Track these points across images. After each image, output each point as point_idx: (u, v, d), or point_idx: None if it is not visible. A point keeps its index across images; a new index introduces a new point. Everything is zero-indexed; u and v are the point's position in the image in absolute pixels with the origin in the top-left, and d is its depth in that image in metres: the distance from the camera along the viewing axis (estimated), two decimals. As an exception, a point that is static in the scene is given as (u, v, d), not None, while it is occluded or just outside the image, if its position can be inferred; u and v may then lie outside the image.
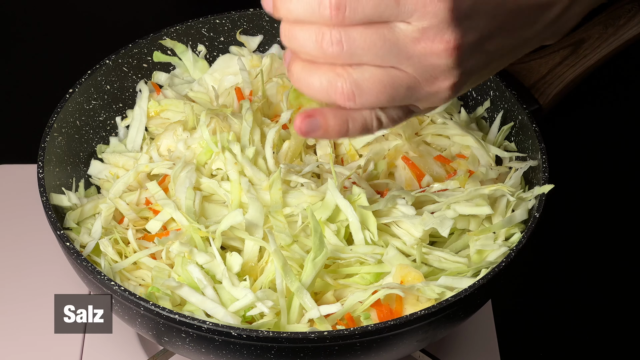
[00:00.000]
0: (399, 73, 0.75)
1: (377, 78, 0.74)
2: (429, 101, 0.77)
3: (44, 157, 1.06)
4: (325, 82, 0.75)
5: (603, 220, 1.34)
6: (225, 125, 1.11)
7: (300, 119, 0.77)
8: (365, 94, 0.75)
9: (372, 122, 0.78)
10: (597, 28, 1.19)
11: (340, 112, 0.77)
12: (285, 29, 0.75)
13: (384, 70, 0.74)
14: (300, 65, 0.76)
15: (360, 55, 0.73)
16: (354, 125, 0.77)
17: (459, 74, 0.75)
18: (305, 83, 0.76)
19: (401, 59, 0.74)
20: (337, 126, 0.77)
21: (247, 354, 0.91)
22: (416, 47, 0.73)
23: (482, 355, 1.14)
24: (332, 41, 0.73)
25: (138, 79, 1.21)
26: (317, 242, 0.96)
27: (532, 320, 1.21)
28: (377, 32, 0.73)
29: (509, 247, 1.01)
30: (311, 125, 0.77)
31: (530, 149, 1.09)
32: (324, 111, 0.77)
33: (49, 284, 1.20)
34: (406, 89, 0.75)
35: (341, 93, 0.75)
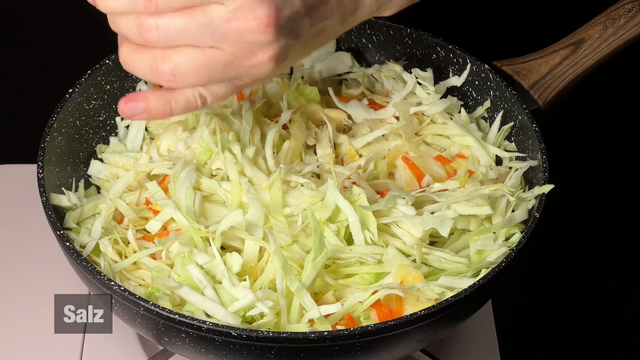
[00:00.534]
0: (216, 52, 0.80)
1: (194, 58, 0.80)
2: (251, 75, 0.82)
3: (44, 157, 1.06)
4: (148, 65, 0.81)
5: (603, 220, 1.34)
6: (225, 126, 1.11)
7: (123, 103, 0.83)
8: (183, 74, 0.80)
9: (195, 100, 0.84)
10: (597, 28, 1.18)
11: (162, 93, 0.83)
12: (110, 16, 0.81)
13: (201, 51, 0.80)
14: (127, 48, 0.82)
15: (176, 39, 0.79)
16: (176, 105, 0.83)
17: (277, 47, 0.80)
18: (131, 65, 0.82)
19: (217, 39, 0.79)
20: (161, 107, 0.83)
21: (247, 354, 0.91)
22: (230, 26, 0.78)
23: (482, 355, 1.14)
24: (149, 28, 0.79)
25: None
26: (318, 242, 0.96)
27: (532, 320, 1.22)
28: (191, 16, 0.78)
29: (509, 247, 1.01)
30: (134, 108, 0.83)
31: (530, 149, 1.09)
32: (146, 94, 0.84)
33: (49, 284, 1.20)
34: (224, 66, 0.80)
35: (161, 74, 0.80)
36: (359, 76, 1.23)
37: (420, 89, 1.19)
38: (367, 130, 1.15)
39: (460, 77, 1.20)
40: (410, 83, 1.18)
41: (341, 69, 1.25)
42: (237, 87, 0.84)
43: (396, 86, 1.19)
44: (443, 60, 1.21)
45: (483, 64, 1.18)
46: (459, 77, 1.21)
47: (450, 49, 1.20)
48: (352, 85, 1.23)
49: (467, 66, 1.19)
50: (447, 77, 1.22)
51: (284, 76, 1.22)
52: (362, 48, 1.27)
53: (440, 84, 1.22)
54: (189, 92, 0.83)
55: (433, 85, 1.19)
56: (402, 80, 1.20)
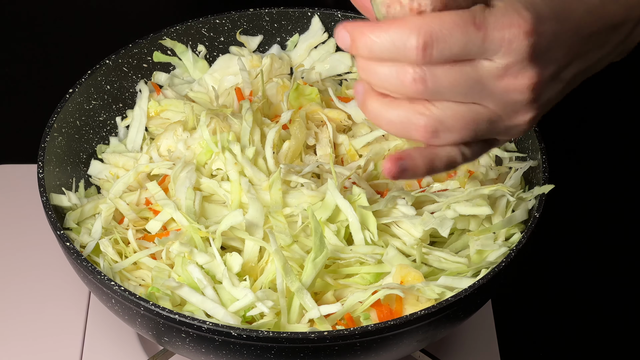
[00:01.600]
0: (480, 109, 0.74)
1: (460, 114, 0.74)
2: (509, 134, 0.77)
3: (44, 157, 1.06)
4: (406, 119, 0.73)
5: (603, 220, 1.34)
6: (225, 126, 1.11)
7: (390, 163, 0.75)
8: (448, 130, 0.74)
9: (457, 157, 0.76)
10: (597, 28, 1.18)
11: (426, 151, 0.75)
12: (364, 62, 0.74)
13: (465, 107, 0.74)
14: (377, 100, 0.74)
15: (443, 92, 0.72)
16: (440, 162, 0.76)
17: (538, 107, 0.76)
18: (384, 119, 0.74)
19: (483, 96, 0.73)
20: (424, 165, 0.75)
21: (247, 354, 0.91)
22: (499, 84, 0.73)
23: (482, 355, 1.14)
24: (415, 79, 0.72)
25: (138, 79, 1.21)
26: (318, 243, 0.96)
27: (532, 320, 1.21)
28: (461, 70, 0.72)
29: (508, 247, 1.01)
30: (401, 166, 0.75)
31: (530, 149, 1.09)
32: (410, 152, 0.75)
33: (49, 284, 1.20)
34: (488, 123, 0.75)
35: (424, 130, 0.73)
36: (358, 76, 1.23)
37: (420, 89, 1.18)
38: (367, 130, 1.15)
39: (460, 77, 1.20)
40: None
41: (341, 69, 1.25)
42: (490, 146, 0.79)
43: (396, 86, 1.19)
44: (443, 60, 1.21)
45: (483, 64, 1.17)
46: (459, 77, 1.20)
47: (450, 49, 1.20)
48: (352, 86, 1.23)
49: (467, 66, 1.19)
50: (447, 77, 1.22)
51: (284, 76, 1.22)
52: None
53: (440, 84, 1.21)
54: (450, 149, 0.76)
55: (433, 85, 1.19)
56: (402, 80, 1.20)
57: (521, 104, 0.75)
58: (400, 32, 0.70)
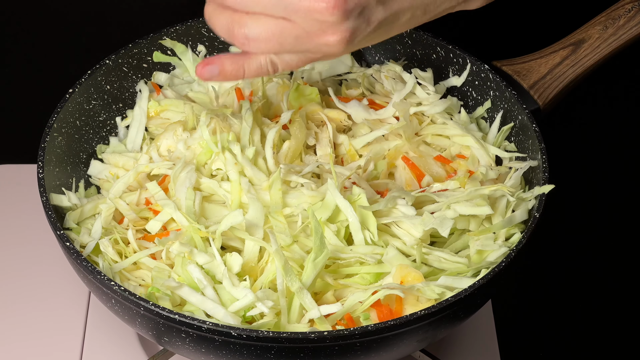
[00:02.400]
0: (287, 24, 0.83)
1: (267, 27, 0.84)
2: (322, 51, 0.86)
3: (44, 157, 1.06)
4: (226, 25, 0.86)
5: (603, 220, 1.34)
6: (225, 126, 1.11)
7: (201, 66, 0.89)
8: (256, 40, 0.85)
9: (266, 66, 0.88)
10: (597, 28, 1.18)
11: (236, 58, 0.88)
12: None
13: (274, 20, 0.84)
14: (212, 6, 0.87)
15: (251, 6, 0.83)
16: (249, 69, 0.88)
17: (346, 30, 0.83)
18: (212, 23, 0.87)
19: (289, 12, 0.82)
20: (234, 70, 0.88)
21: (247, 354, 0.91)
22: (301, 3, 0.82)
23: (482, 355, 1.14)
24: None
25: (138, 79, 1.21)
26: (318, 243, 0.96)
27: (532, 320, 1.21)
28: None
29: (509, 248, 1.01)
30: (210, 71, 0.88)
31: (530, 149, 1.09)
32: (221, 58, 0.88)
33: (49, 284, 1.20)
34: (294, 38, 0.84)
35: (236, 37, 0.85)
36: (358, 76, 1.23)
37: (420, 89, 1.19)
38: (367, 131, 1.15)
39: (460, 77, 1.20)
40: (410, 83, 1.18)
41: (341, 69, 1.25)
42: (308, 60, 0.88)
43: (396, 86, 1.19)
44: (443, 60, 1.21)
45: (483, 64, 1.18)
46: (458, 77, 1.21)
47: (450, 49, 1.20)
48: (352, 86, 1.23)
49: (467, 66, 1.19)
50: (447, 77, 1.22)
51: (284, 76, 1.22)
52: (362, 48, 1.27)
53: (440, 84, 1.22)
54: (261, 57, 0.87)
55: (433, 86, 1.19)
56: (401, 81, 1.20)
57: (326, 24, 0.83)
58: None
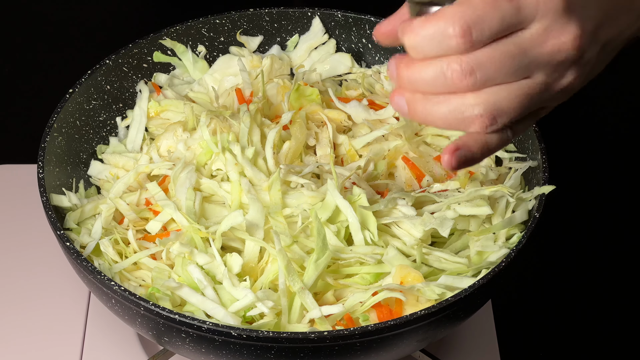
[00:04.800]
0: (531, 82, 0.73)
1: (513, 94, 0.72)
2: (557, 100, 0.77)
3: (44, 157, 1.06)
4: (459, 114, 0.72)
5: (603, 220, 1.34)
6: (226, 126, 1.11)
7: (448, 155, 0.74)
8: (505, 114, 0.73)
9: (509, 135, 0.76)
10: (597, 28, 1.18)
11: (479, 136, 0.75)
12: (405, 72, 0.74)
13: (517, 85, 0.73)
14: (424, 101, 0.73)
15: (494, 78, 0.71)
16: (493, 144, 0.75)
17: (582, 65, 0.75)
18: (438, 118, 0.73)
19: (532, 67, 0.73)
20: (480, 150, 0.75)
21: (247, 354, 0.91)
22: (545, 48, 0.72)
23: (482, 355, 1.14)
24: (463, 74, 0.71)
25: (138, 79, 1.21)
26: (320, 244, 0.96)
27: (532, 320, 1.21)
28: (504, 48, 0.71)
29: (509, 248, 1.01)
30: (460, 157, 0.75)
31: (530, 149, 1.09)
32: (465, 141, 0.75)
33: (49, 284, 1.20)
34: (539, 94, 0.74)
35: (481, 120, 0.72)
36: (358, 77, 1.23)
37: (420, 89, 1.18)
38: (367, 131, 1.15)
39: (460, 77, 1.20)
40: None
41: (341, 69, 1.25)
42: (539, 117, 0.79)
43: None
44: (443, 61, 1.21)
45: (483, 64, 1.17)
46: (459, 77, 1.20)
47: (450, 49, 1.20)
48: (352, 86, 1.23)
49: (467, 66, 1.19)
50: (447, 77, 1.22)
51: (284, 77, 1.22)
52: (362, 49, 1.27)
53: (440, 84, 1.21)
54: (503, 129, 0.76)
55: (433, 86, 1.19)
56: (402, 81, 1.20)
57: (567, 63, 0.74)
58: (436, 24, 0.71)
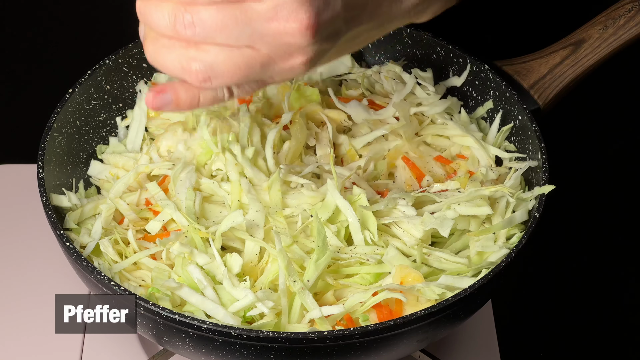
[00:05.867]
0: (253, 53, 0.75)
1: (231, 60, 0.75)
2: (283, 75, 0.79)
3: (44, 157, 1.06)
4: (179, 64, 0.75)
5: (603, 220, 1.34)
6: (226, 126, 1.11)
7: (152, 94, 0.78)
8: (219, 77, 0.76)
9: (223, 95, 0.79)
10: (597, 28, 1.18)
11: (190, 86, 0.78)
12: (141, 5, 0.76)
13: (238, 51, 0.75)
14: (155, 42, 0.76)
15: (213, 36, 0.74)
16: (204, 98, 0.79)
17: (313, 51, 0.76)
18: (160, 62, 0.76)
19: (255, 39, 0.74)
20: (189, 99, 0.79)
21: (247, 354, 0.91)
22: (270, 27, 0.74)
23: (482, 355, 1.14)
24: (184, 23, 0.74)
25: (138, 79, 1.21)
26: (321, 244, 0.96)
27: (532, 320, 1.22)
28: (229, 12, 0.73)
29: (509, 249, 1.01)
30: (163, 100, 0.79)
31: (530, 149, 1.09)
32: (175, 86, 0.78)
33: (49, 284, 1.20)
34: (260, 66, 0.76)
35: (195, 76, 0.75)
36: (358, 77, 1.23)
37: (420, 90, 1.19)
38: (367, 131, 1.15)
39: (460, 77, 1.20)
40: (410, 83, 1.18)
41: (341, 69, 1.25)
42: (264, 85, 0.81)
43: (396, 87, 1.19)
44: (443, 60, 1.21)
45: (483, 64, 1.18)
46: (459, 77, 1.21)
47: (450, 49, 1.20)
48: (352, 86, 1.23)
49: (467, 66, 1.19)
50: (447, 77, 1.22)
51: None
52: (361, 49, 1.27)
53: (440, 84, 1.22)
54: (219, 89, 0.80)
55: (433, 86, 1.19)
56: (401, 81, 1.20)
57: (294, 47, 0.75)
58: None
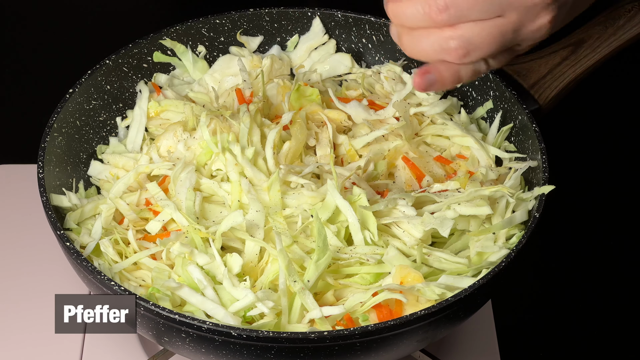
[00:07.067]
0: (504, 21, 0.80)
1: (486, 31, 0.80)
2: (531, 39, 0.83)
3: (44, 157, 1.06)
4: (438, 46, 0.81)
5: (603, 220, 1.34)
6: (226, 126, 1.11)
7: (418, 76, 0.84)
8: (478, 49, 0.81)
9: (482, 68, 0.84)
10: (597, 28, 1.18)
11: (450, 64, 0.83)
12: (392, 8, 0.82)
13: (490, 22, 0.80)
14: (411, 35, 0.82)
15: (467, 14, 0.79)
16: (466, 73, 0.84)
17: (555, 8, 0.81)
18: (419, 50, 0.82)
19: (504, 7, 0.80)
20: (451, 76, 0.84)
21: (247, 354, 0.91)
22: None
23: (482, 355, 1.14)
24: (439, 8, 0.79)
25: (138, 79, 1.21)
26: (321, 244, 0.96)
27: (532, 320, 1.21)
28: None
29: (509, 249, 1.01)
30: (428, 80, 0.84)
31: (530, 149, 1.09)
32: (437, 65, 0.83)
33: (50, 284, 1.20)
34: (512, 33, 0.81)
35: (456, 52, 0.81)
36: (358, 77, 1.23)
37: (420, 90, 1.18)
38: (367, 131, 1.15)
39: (460, 77, 1.20)
40: (409, 84, 1.18)
41: (341, 70, 1.25)
42: (515, 53, 0.86)
43: (396, 87, 1.19)
44: (443, 61, 1.21)
45: (483, 64, 1.17)
46: (458, 77, 1.20)
47: (450, 49, 1.20)
48: (352, 86, 1.23)
49: (467, 66, 1.19)
50: (447, 77, 1.22)
51: (284, 77, 1.22)
52: (361, 49, 1.27)
53: (440, 84, 1.21)
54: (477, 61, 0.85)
55: (433, 86, 1.19)
56: (401, 81, 1.20)
57: (540, 5, 0.80)
58: None
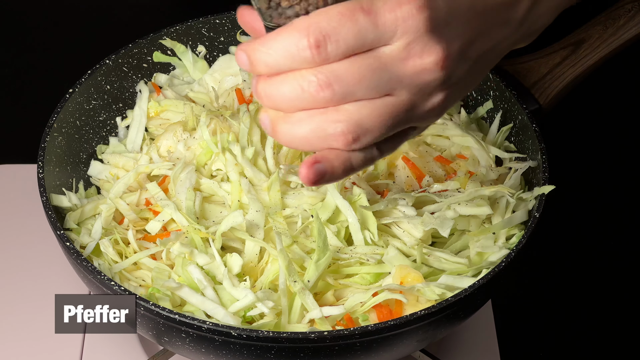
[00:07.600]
0: (394, 99, 0.70)
1: (375, 112, 0.69)
2: (426, 120, 0.73)
3: (44, 157, 1.06)
4: (322, 132, 0.69)
5: (603, 220, 1.34)
6: (225, 126, 1.11)
7: (306, 168, 0.70)
8: (368, 132, 0.70)
9: (374, 154, 0.73)
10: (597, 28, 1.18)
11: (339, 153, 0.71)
12: (263, 88, 0.69)
13: (380, 101, 0.69)
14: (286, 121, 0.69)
15: (352, 92, 0.68)
16: (356, 162, 0.72)
17: (450, 85, 0.72)
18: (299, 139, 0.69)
19: (393, 84, 0.69)
20: (342, 165, 0.71)
21: (247, 354, 0.91)
22: (406, 67, 0.69)
23: (482, 355, 1.14)
24: (320, 85, 0.68)
25: (138, 79, 1.21)
26: (322, 245, 0.96)
27: (532, 320, 1.21)
28: (363, 62, 0.68)
29: (509, 249, 1.01)
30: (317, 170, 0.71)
31: (530, 149, 1.09)
32: (326, 155, 0.71)
33: (50, 284, 1.20)
34: (405, 113, 0.71)
35: (344, 138, 0.69)
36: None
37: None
38: (367, 131, 1.15)
39: (460, 77, 1.20)
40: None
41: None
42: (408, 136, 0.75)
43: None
44: (443, 61, 1.21)
45: (483, 64, 1.17)
46: (458, 77, 1.20)
47: (450, 49, 1.20)
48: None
49: (467, 66, 1.19)
50: (447, 77, 1.22)
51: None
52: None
53: (440, 84, 1.21)
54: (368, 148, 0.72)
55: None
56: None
57: (433, 84, 0.70)
58: (289, 36, 0.67)
